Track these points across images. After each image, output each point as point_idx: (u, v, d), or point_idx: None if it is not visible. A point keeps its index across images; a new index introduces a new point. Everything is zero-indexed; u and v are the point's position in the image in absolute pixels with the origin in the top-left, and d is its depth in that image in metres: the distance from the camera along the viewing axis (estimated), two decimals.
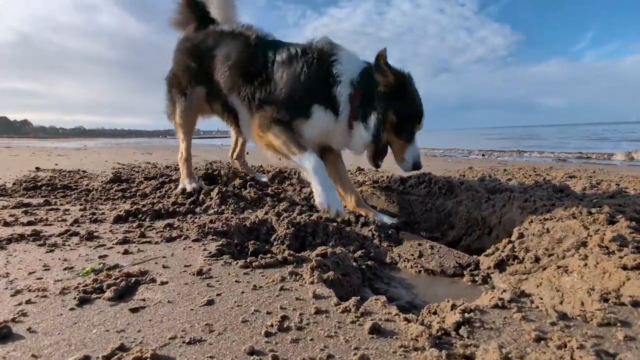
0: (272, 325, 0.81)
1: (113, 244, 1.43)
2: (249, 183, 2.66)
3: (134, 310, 0.90)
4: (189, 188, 2.39)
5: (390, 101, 1.91)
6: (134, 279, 1.06)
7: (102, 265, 1.20)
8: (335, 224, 1.67)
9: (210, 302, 0.94)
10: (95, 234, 1.57)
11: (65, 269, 1.17)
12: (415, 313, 0.97)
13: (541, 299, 0.97)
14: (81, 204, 2.21)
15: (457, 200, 2.05)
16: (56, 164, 5.11)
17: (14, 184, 2.91)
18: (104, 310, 0.90)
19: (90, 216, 1.87)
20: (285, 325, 0.82)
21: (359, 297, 0.93)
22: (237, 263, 1.21)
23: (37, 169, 4.33)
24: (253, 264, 1.20)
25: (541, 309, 0.84)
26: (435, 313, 0.89)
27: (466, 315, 0.80)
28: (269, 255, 1.29)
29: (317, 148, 2.15)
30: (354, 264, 1.29)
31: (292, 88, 2.01)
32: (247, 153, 3.55)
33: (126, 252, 1.34)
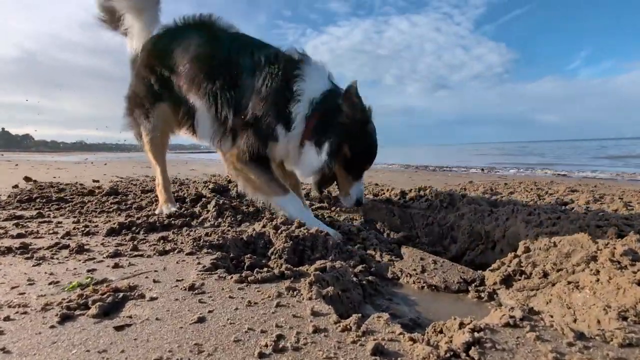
0: (266, 346, 0.75)
1: (103, 258, 1.37)
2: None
3: (118, 328, 0.84)
4: (165, 211, 2.15)
5: (348, 135, 1.82)
6: (121, 294, 1.01)
7: (89, 279, 1.14)
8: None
9: (201, 320, 0.88)
10: (86, 247, 1.51)
11: (50, 284, 1.11)
12: (420, 331, 0.91)
13: (551, 316, 0.91)
14: (75, 217, 2.16)
15: (460, 214, 2.00)
16: (54, 177, 5.07)
17: (8, 196, 2.86)
18: (87, 328, 0.84)
19: (83, 229, 1.81)
20: (280, 346, 0.76)
21: (360, 315, 0.87)
22: (231, 277, 1.15)
23: (35, 181, 4.28)
24: (248, 278, 1.14)
25: (556, 328, 0.78)
26: (441, 332, 0.83)
27: (476, 334, 0.74)
28: (265, 269, 1.23)
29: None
30: (355, 279, 1.24)
31: (261, 111, 1.85)
32: None
33: (116, 266, 1.28)
